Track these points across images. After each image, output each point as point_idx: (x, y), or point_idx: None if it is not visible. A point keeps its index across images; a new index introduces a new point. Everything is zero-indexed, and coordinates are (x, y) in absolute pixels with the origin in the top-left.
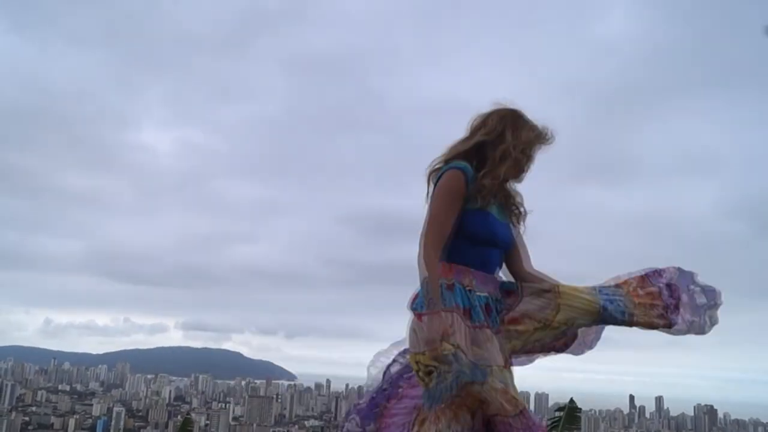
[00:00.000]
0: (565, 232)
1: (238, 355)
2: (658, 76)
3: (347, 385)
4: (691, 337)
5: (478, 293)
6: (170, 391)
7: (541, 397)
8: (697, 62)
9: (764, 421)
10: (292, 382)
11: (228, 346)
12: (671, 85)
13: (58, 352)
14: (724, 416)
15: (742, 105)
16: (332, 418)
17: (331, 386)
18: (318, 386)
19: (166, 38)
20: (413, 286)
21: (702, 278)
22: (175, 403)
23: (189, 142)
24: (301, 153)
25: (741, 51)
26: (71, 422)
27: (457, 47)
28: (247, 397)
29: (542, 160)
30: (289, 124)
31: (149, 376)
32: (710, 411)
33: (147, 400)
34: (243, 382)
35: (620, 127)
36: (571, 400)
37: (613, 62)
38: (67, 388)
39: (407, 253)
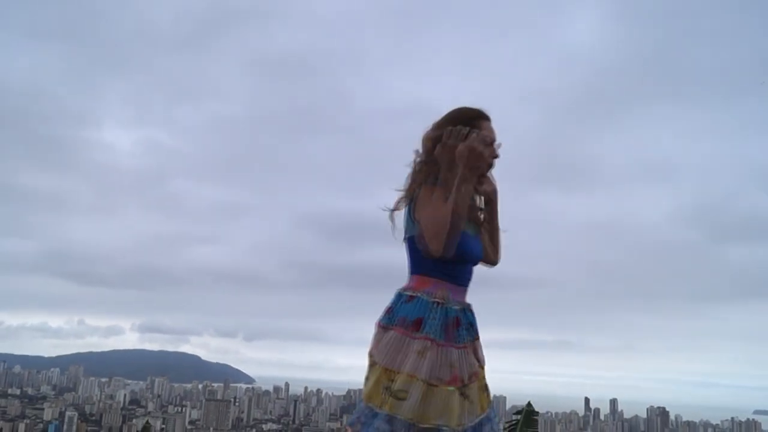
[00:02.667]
0: (526, 237)
1: (196, 358)
2: (618, 85)
3: (306, 388)
4: (645, 341)
5: (451, 306)
6: (125, 395)
7: (499, 400)
8: (656, 72)
9: (714, 423)
10: (251, 386)
11: (185, 348)
12: (631, 94)
13: (8, 354)
14: (676, 418)
15: (698, 114)
16: (290, 422)
17: (290, 389)
18: (276, 389)
19: (128, 35)
20: (374, 290)
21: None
22: (129, 407)
23: (150, 141)
24: (264, 154)
25: (697, 62)
26: (21, 427)
27: (424, 51)
28: (204, 400)
29: (504, 165)
30: (252, 124)
31: (103, 380)
32: (662, 413)
33: (101, 404)
34: (200, 386)
35: (581, 134)
36: (529, 404)
37: (576, 71)
38: (18, 391)
39: (369, 256)
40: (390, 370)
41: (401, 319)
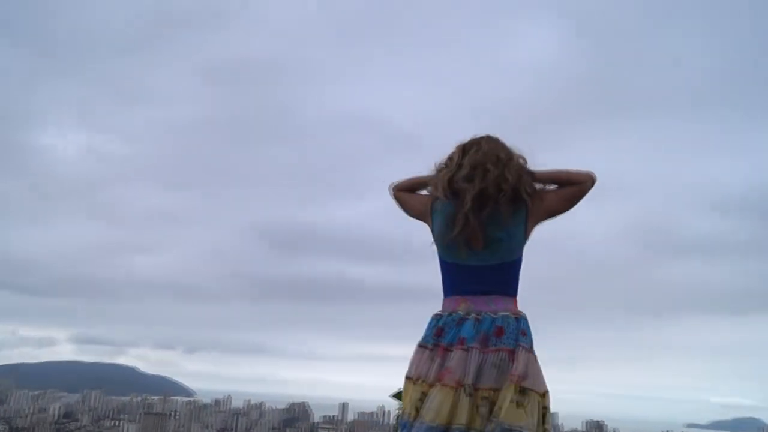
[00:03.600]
0: None
1: (134, 370)
2: (563, 102)
3: (248, 401)
4: (585, 354)
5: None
6: (58, 408)
7: None
8: (599, 91)
9: None
10: (190, 399)
11: (123, 360)
12: (575, 111)
13: None
14: (613, 431)
15: (637, 134)
16: None
17: (231, 402)
18: (217, 402)
19: (74, 36)
20: (318, 302)
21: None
22: (63, 421)
23: (94, 146)
24: (210, 162)
25: (638, 83)
26: None
27: (375, 63)
28: (141, 414)
29: None
30: (198, 131)
31: (36, 392)
32: (599, 426)
33: (32, 418)
34: (137, 399)
35: (527, 149)
36: None
37: (524, 87)
38: None
39: (314, 267)
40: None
41: (531, 342)
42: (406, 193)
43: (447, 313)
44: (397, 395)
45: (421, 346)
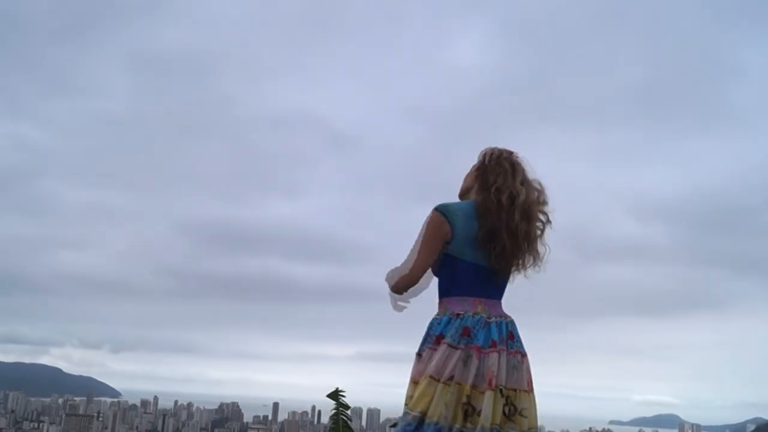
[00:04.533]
0: (403, 251)
1: (57, 370)
2: (497, 106)
3: (176, 402)
4: None
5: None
6: None
7: (373, 413)
8: (532, 96)
9: None
10: (116, 399)
11: (45, 360)
12: (507, 115)
13: None
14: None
15: (569, 140)
16: None
17: (159, 403)
18: (144, 403)
19: None
20: (251, 301)
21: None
22: None
23: (17, 136)
24: (141, 156)
25: (571, 89)
26: None
27: (313, 61)
28: (64, 415)
29: (386, 178)
30: (130, 124)
31: None
32: None
33: None
34: (60, 400)
35: (461, 152)
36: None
37: (459, 89)
38: None
39: (246, 266)
40: None
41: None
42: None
43: (470, 314)
44: (333, 395)
45: (451, 345)
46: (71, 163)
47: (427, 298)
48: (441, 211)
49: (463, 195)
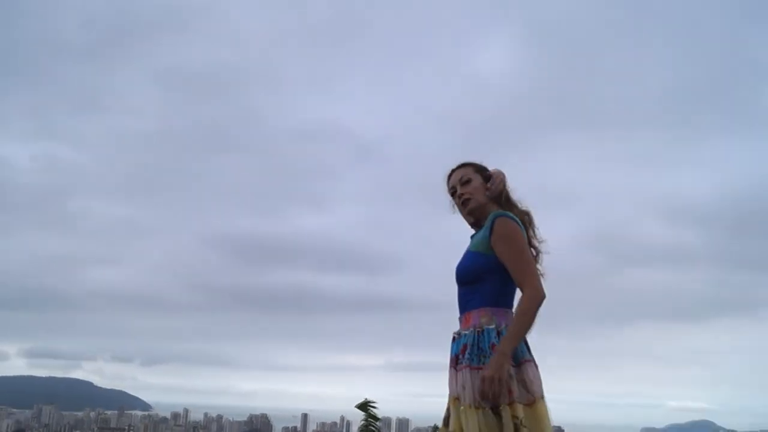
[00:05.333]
0: (433, 260)
1: (89, 384)
2: (525, 113)
3: (206, 414)
4: (550, 362)
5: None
6: (9, 425)
7: (402, 423)
8: (560, 102)
9: None
10: (147, 412)
11: (78, 374)
12: (536, 122)
13: None
14: None
15: (598, 144)
16: None
17: (189, 416)
18: (175, 416)
19: (29, 41)
20: (281, 312)
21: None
22: None
23: (50, 155)
24: (171, 171)
25: (599, 94)
26: None
27: (340, 73)
28: (96, 429)
29: (414, 188)
30: (160, 140)
31: None
32: None
33: None
34: (92, 413)
35: (489, 159)
36: (435, 427)
37: (486, 97)
38: None
39: (274, 278)
40: None
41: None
42: None
43: None
44: (362, 406)
45: (535, 363)
46: (103, 180)
47: (448, 309)
48: (513, 219)
49: (477, 209)
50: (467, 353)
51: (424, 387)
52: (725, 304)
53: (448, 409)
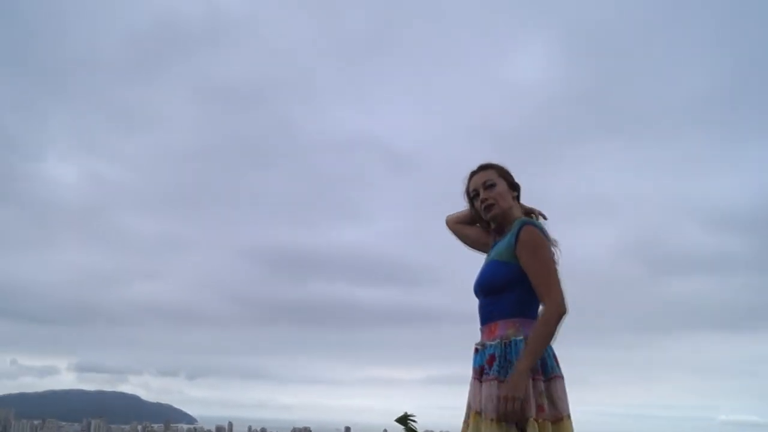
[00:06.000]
0: (470, 271)
1: (136, 398)
2: (561, 121)
3: (250, 428)
4: (586, 374)
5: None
6: None
7: None
8: (597, 108)
9: None
10: (193, 426)
11: (125, 388)
12: (573, 130)
13: None
14: None
15: (637, 151)
16: None
17: (234, 429)
18: (219, 429)
19: (71, 61)
20: (321, 325)
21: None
22: None
23: (93, 172)
24: (210, 185)
25: (637, 99)
26: None
27: (374, 84)
28: None
29: (450, 198)
30: (198, 154)
31: (36, 422)
32: None
33: None
34: (140, 427)
35: (526, 169)
36: None
37: (522, 106)
38: None
39: (314, 291)
40: None
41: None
42: None
43: None
44: (402, 419)
45: (562, 378)
46: (143, 195)
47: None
48: (540, 228)
49: (500, 216)
50: (495, 365)
51: (464, 400)
52: None
53: (467, 423)
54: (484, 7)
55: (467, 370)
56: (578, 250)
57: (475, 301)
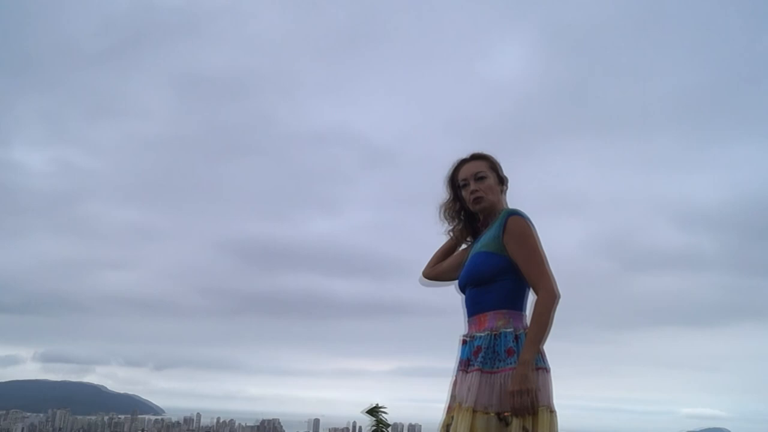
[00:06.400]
0: None
1: (101, 388)
2: (537, 117)
3: (218, 419)
4: (560, 368)
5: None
6: (22, 428)
7: (415, 428)
8: (572, 105)
9: None
10: (159, 417)
11: (91, 379)
12: (548, 126)
13: None
14: None
15: (610, 148)
16: None
17: (201, 420)
18: (187, 420)
19: (42, 47)
20: (291, 317)
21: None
22: None
23: (64, 161)
24: (184, 176)
25: (612, 98)
26: None
27: (353, 78)
28: None
29: (426, 193)
30: (172, 144)
31: None
32: None
33: None
34: (105, 418)
35: (503, 164)
36: None
37: (498, 102)
38: None
39: (286, 282)
40: None
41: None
42: None
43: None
44: (372, 411)
45: (548, 370)
46: (116, 185)
47: (456, 314)
48: (527, 218)
49: (489, 208)
50: (480, 356)
51: (434, 392)
52: (739, 310)
53: (451, 417)
54: (465, 4)
55: (438, 363)
56: (549, 246)
57: (445, 295)
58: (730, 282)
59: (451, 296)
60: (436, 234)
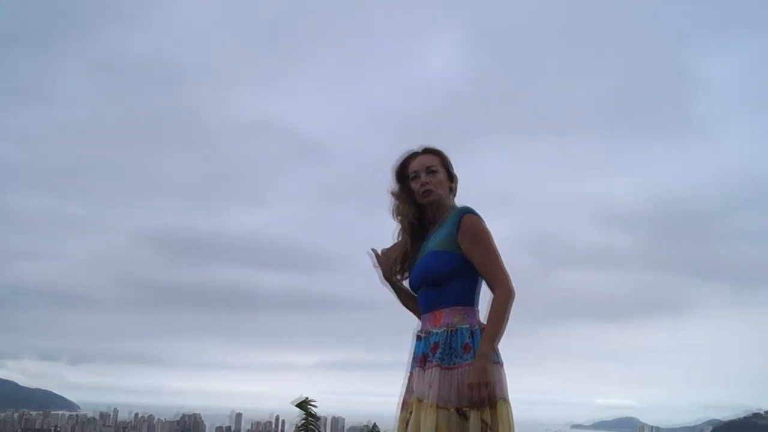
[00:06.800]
0: (370, 260)
1: (13, 384)
2: (466, 115)
3: (136, 414)
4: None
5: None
6: None
7: (338, 421)
8: (501, 105)
9: None
10: (74, 413)
11: (1, 374)
12: (476, 124)
13: None
14: None
15: (536, 148)
16: None
17: (118, 416)
18: (103, 416)
19: None
20: (214, 310)
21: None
22: None
23: None
24: (104, 165)
25: (540, 98)
26: None
27: (283, 70)
28: (19, 430)
29: (353, 188)
30: (93, 133)
31: None
32: None
33: None
34: (16, 414)
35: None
36: (375, 426)
37: (431, 99)
38: None
39: (207, 275)
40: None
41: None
42: None
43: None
44: (302, 404)
45: (502, 364)
46: (31, 172)
47: (382, 309)
48: (480, 217)
49: (436, 203)
50: (438, 352)
51: (357, 386)
52: (652, 305)
53: (409, 412)
54: (398, 1)
55: (362, 357)
56: None
57: (370, 290)
58: (643, 278)
59: (376, 292)
60: (363, 228)
